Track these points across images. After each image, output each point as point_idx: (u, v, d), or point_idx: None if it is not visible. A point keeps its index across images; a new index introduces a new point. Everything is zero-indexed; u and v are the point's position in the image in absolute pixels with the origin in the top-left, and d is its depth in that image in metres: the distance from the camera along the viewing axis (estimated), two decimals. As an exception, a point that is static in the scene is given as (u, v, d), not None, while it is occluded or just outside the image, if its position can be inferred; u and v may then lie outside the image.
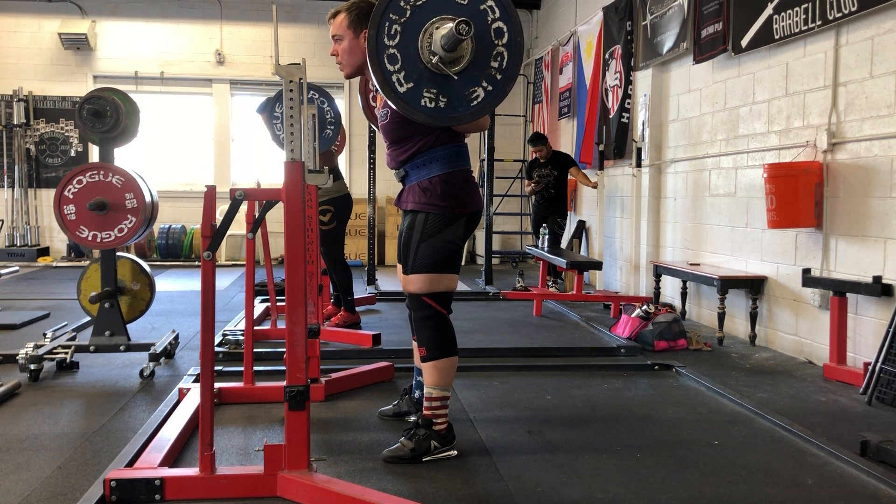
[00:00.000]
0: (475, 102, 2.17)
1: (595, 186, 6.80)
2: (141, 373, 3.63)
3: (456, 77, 2.12)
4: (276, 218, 3.30)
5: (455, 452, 2.58)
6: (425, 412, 2.57)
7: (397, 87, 2.13)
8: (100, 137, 3.82)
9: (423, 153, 2.52)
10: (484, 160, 7.49)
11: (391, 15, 2.10)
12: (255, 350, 3.37)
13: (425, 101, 2.15)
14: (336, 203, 4.70)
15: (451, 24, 2.03)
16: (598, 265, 6.04)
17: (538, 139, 6.93)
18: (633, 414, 3.14)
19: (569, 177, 6.94)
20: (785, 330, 4.40)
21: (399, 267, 2.88)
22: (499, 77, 2.17)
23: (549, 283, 6.76)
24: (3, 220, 9.17)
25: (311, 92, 4.90)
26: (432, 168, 2.52)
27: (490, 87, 2.17)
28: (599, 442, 2.77)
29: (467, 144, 2.63)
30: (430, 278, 2.53)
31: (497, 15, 2.13)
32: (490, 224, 7.53)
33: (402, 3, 2.11)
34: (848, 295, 3.74)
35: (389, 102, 2.21)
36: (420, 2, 2.11)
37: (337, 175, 4.76)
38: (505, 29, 2.14)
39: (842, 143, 3.90)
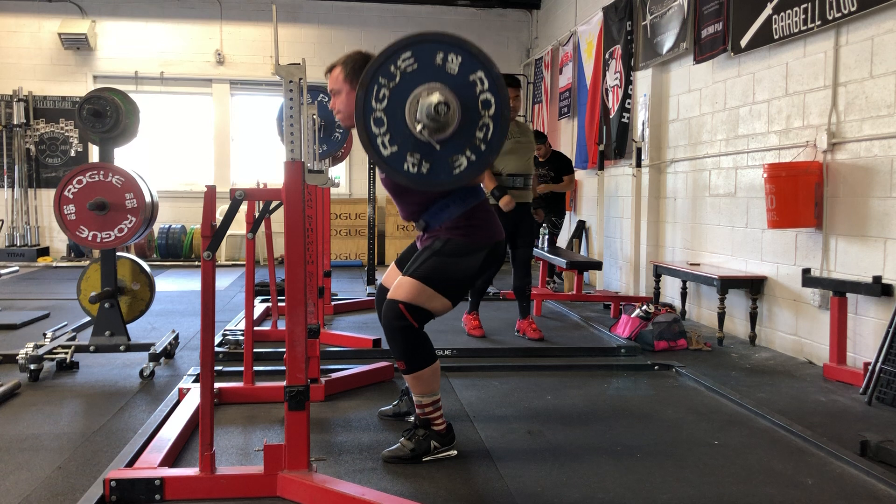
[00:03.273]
0: (458, 171, 2.17)
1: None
2: (141, 373, 3.63)
3: (439, 147, 2.14)
4: (280, 218, 3.30)
5: (455, 452, 2.58)
6: (420, 416, 2.57)
7: (381, 150, 2.15)
8: (100, 137, 3.82)
9: (438, 200, 2.51)
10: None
11: (380, 78, 2.12)
12: (255, 350, 3.37)
13: (408, 166, 2.16)
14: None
15: (437, 94, 2.05)
16: (598, 265, 6.04)
17: (538, 137, 6.92)
18: (633, 414, 3.14)
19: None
20: (785, 330, 4.40)
21: (392, 268, 2.88)
22: (483, 148, 2.17)
23: (548, 283, 6.76)
24: (3, 220, 9.17)
25: (321, 95, 4.91)
26: (452, 210, 2.50)
27: (473, 157, 2.17)
28: (599, 442, 2.77)
29: None
30: (421, 289, 2.45)
31: (486, 87, 2.15)
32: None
33: (392, 68, 2.11)
34: (848, 295, 3.74)
35: (374, 163, 2.23)
36: (410, 68, 2.12)
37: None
38: (492, 101, 2.15)
39: (842, 143, 3.90)
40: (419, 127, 2.09)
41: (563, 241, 8.23)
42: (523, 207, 4.66)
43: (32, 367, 3.50)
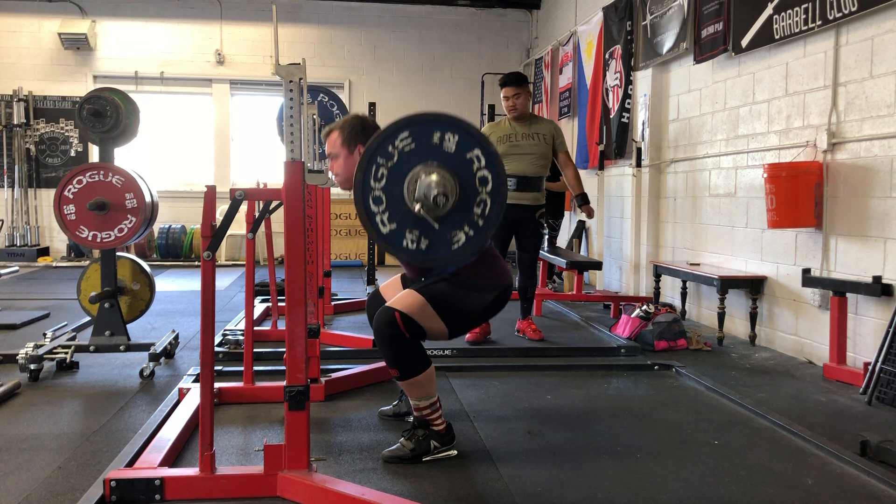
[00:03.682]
0: (456, 246, 2.19)
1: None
2: (141, 373, 3.63)
3: (437, 226, 2.17)
4: (280, 218, 3.30)
5: (455, 452, 2.59)
6: (418, 418, 2.57)
7: (380, 228, 2.17)
8: (100, 137, 3.82)
9: None
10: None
11: (379, 158, 2.14)
12: (255, 350, 3.37)
13: (407, 243, 2.18)
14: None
15: (435, 176, 2.07)
16: (598, 265, 6.04)
17: None
18: (633, 414, 3.14)
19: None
20: (785, 330, 4.40)
21: (395, 280, 2.88)
22: (481, 223, 2.19)
23: (548, 283, 6.75)
24: (3, 220, 9.17)
25: (322, 95, 4.91)
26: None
27: (472, 233, 2.19)
28: (599, 442, 2.77)
29: None
30: (423, 306, 2.44)
31: (483, 164, 2.17)
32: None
33: (390, 148, 2.14)
34: (848, 295, 3.74)
35: (373, 240, 2.24)
36: (408, 148, 2.14)
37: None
38: (489, 178, 2.18)
39: (842, 143, 3.90)
40: (417, 206, 2.11)
41: (563, 241, 8.23)
42: (522, 210, 4.51)
43: (32, 367, 3.50)
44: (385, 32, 9.84)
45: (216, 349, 4.03)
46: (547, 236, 6.90)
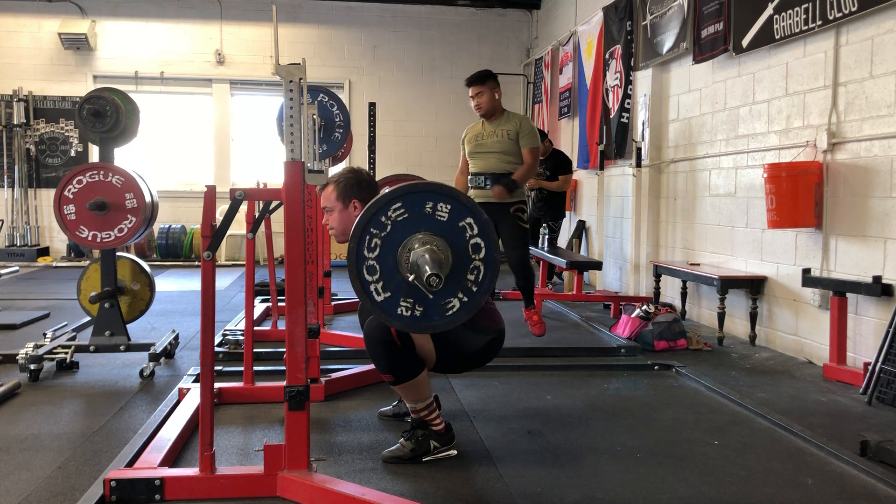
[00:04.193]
0: (450, 312, 2.20)
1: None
2: (141, 373, 3.63)
3: (432, 295, 2.18)
4: (280, 218, 3.31)
5: (455, 452, 2.59)
6: (416, 420, 2.58)
7: (375, 297, 2.17)
8: (100, 137, 3.82)
9: None
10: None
11: (372, 229, 2.15)
12: (255, 350, 3.37)
13: (401, 310, 2.18)
14: (526, 204, 4.65)
15: (428, 251, 2.09)
16: (598, 265, 6.04)
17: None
18: (633, 414, 3.14)
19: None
20: (785, 330, 4.40)
21: None
22: (475, 290, 2.20)
23: (548, 283, 6.75)
24: (3, 220, 9.17)
25: (322, 95, 4.91)
26: None
27: (466, 299, 2.20)
28: (599, 442, 2.77)
29: None
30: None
31: (475, 232, 2.19)
32: (490, 224, 7.50)
33: (382, 218, 2.15)
34: (848, 295, 3.74)
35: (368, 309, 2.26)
36: (401, 217, 2.15)
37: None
38: (482, 245, 2.19)
39: (842, 143, 3.90)
40: (411, 277, 2.12)
41: (563, 241, 8.23)
42: (493, 208, 4.33)
43: (32, 367, 3.50)
44: (385, 32, 9.84)
45: (216, 349, 4.03)
46: (547, 237, 6.90)
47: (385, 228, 2.15)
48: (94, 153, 9.25)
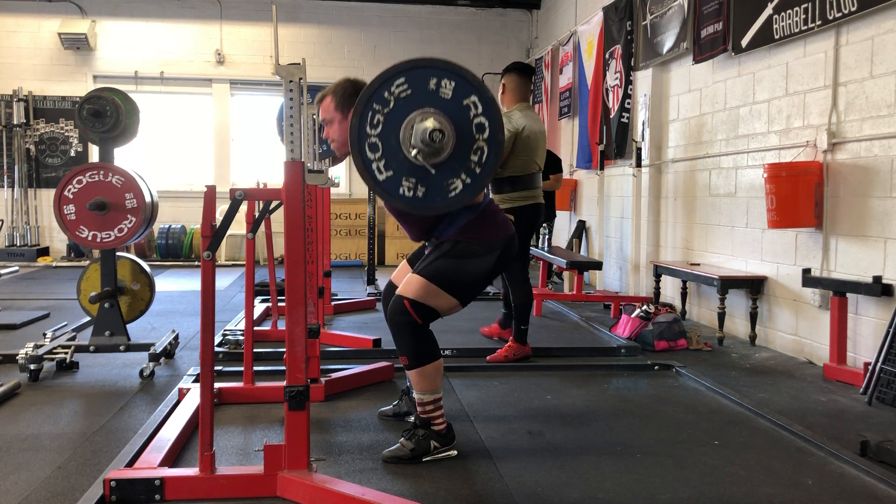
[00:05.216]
0: (453, 194, 2.19)
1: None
2: (141, 373, 3.63)
3: (434, 172, 2.16)
4: (280, 218, 3.31)
5: (455, 452, 2.58)
6: (420, 415, 2.57)
7: (377, 175, 2.16)
8: (100, 137, 3.82)
9: (445, 217, 2.50)
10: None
11: (375, 105, 2.13)
12: (255, 350, 3.37)
13: (403, 190, 2.17)
14: (520, 212, 4.09)
15: (431, 120, 2.06)
16: (598, 265, 6.04)
17: None
18: (633, 414, 3.14)
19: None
20: (785, 330, 4.40)
21: (403, 265, 2.89)
22: (478, 171, 2.19)
23: (548, 283, 6.75)
24: (3, 220, 9.17)
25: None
26: (460, 219, 2.50)
27: (469, 180, 2.19)
28: (599, 442, 2.77)
29: None
30: (429, 288, 2.45)
31: (479, 111, 2.17)
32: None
33: (385, 94, 2.13)
34: (848, 295, 3.74)
35: (369, 188, 2.24)
36: (404, 94, 2.14)
37: (525, 182, 4.12)
38: (486, 124, 2.17)
39: (842, 143, 3.90)
40: (414, 152, 2.11)
41: (563, 241, 8.24)
42: None
43: (32, 367, 3.50)
44: (385, 32, 9.84)
45: (216, 349, 4.03)
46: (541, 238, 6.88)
47: (388, 105, 2.13)
48: (94, 153, 9.25)
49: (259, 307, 5.32)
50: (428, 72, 2.15)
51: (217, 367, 3.69)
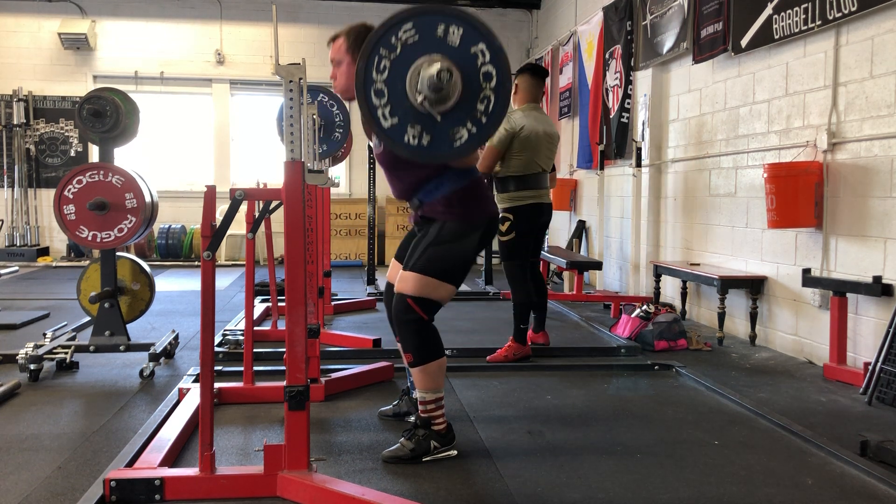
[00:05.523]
0: (458, 143, 2.17)
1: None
2: (141, 373, 3.63)
3: (440, 119, 2.13)
4: (280, 218, 3.31)
5: (455, 452, 2.58)
6: (422, 414, 2.57)
7: (382, 122, 2.14)
8: (100, 137, 3.82)
9: (433, 178, 2.52)
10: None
11: (381, 49, 2.11)
12: (255, 350, 3.37)
13: (408, 138, 2.15)
14: (518, 211, 4.08)
15: (438, 65, 2.04)
16: (598, 265, 6.05)
17: None
18: (633, 414, 3.14)
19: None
20: (785, 330, 4.40)
21: (392, 263, 2.89)
22: (484, 120, 2.17)
23: (548, 284, 6.75)
24: (3, 220, 9.17)
25: (322, 95, 4.90)
26: (446, 187, 2.51)
27: (475, 130, 2.17)
28: (599, 442, 2.77)
29: None
30: (426, 282, 2.48)
31: (487, 59, 2.14)
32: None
33: (392, 39, 2.10)
34: (848, 295, 3.73)
35: (374, 135, 2.23)
36: (411, 40, 2.11)
37: (526, 182, 4.09)
38: (494, 73, 2.15)
39: (842, 143, 3.90)
40: (420, 98, 2.08)
41: (563, 240, 8.24)
42: None
43: (32, 367, 3.50)
44: (385, 32, 9.83)
45: (216, 349, 4.03)
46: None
47: (395, 50, 2.10)
48: (94, 153, 9.25)
49: (259, 307, 5.32)
50: (436, 18, 2.11)
51: (217, 367, 3.69)
